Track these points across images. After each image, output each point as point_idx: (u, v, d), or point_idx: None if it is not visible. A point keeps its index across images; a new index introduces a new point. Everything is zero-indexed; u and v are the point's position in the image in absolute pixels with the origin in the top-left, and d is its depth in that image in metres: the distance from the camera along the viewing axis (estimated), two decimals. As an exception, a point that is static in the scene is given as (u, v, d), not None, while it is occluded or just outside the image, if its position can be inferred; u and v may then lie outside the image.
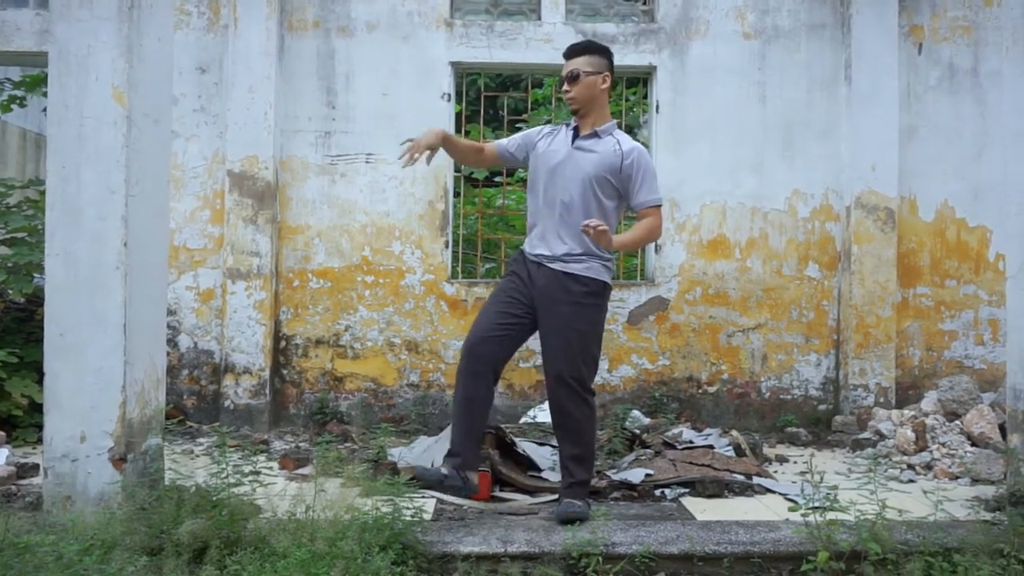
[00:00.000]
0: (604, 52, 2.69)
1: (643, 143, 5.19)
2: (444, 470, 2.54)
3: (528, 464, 3.04)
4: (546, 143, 2.70)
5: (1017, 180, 2.58)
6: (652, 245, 4.56)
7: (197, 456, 3.52)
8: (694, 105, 4.53)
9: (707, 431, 3.72)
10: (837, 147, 4.53)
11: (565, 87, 2.66)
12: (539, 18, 4.60)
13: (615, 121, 2.73)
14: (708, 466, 3.09)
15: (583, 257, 2.58)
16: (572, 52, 2.68)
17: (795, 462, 3.61)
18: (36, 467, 3.11)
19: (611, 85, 2.70)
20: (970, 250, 4.55)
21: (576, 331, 2.54)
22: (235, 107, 4.37)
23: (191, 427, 4.29)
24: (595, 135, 2.65)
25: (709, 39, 4.55)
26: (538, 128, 2.79)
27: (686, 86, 4.54)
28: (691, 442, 3.43)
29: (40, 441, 3.10)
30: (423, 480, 2.49)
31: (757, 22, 4.56)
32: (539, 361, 2.63)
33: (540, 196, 2.66)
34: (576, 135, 2.67)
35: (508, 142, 2.80)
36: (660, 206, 2.64)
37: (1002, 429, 3.38)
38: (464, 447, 2.59)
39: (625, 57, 4.54)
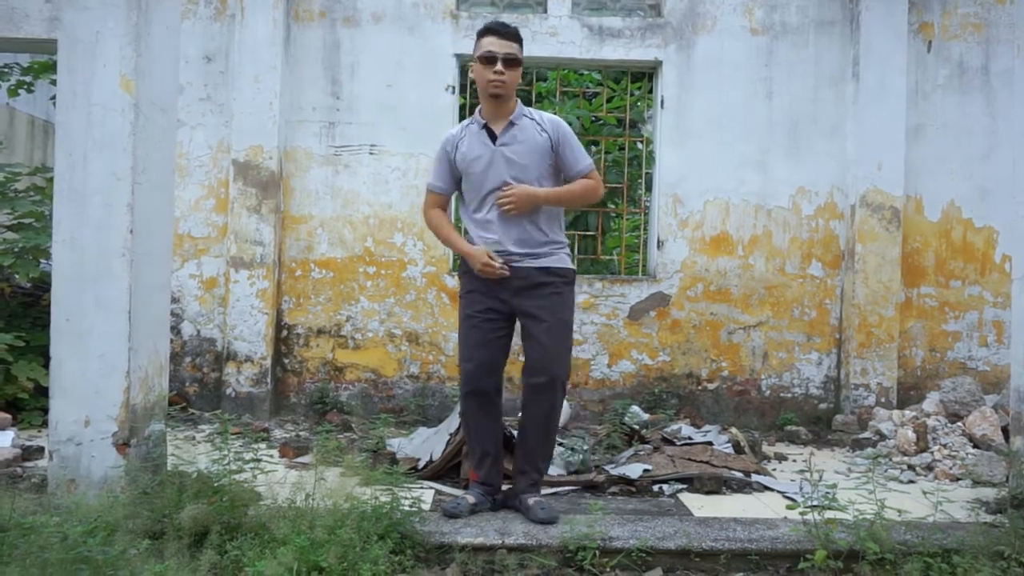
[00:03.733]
0: None
1: (647, 138, 5.22)
2: (471, 498, 2.51)
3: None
4: (463, 152, 2.54)
5: (1024, 181, 2.55)
6: (655, 241, 4.56)
7: (199, 443, 3.54)
8: (699, 101, 4.52)
9: (706, 428, 3.73)
10: (843, 145, 4.51)
11: (499, 68, 2.43)
12: (545, 11, 4.59)
13: (517, 99, 2.56)
14: (706, 463, 3.10)
15: (550, 250, 2.53)
16: (511, 36, 2.48)
17: (794, 460, 3.62)
18: (41, 450, 3.13)
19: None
20: (976, 251, 4.53)
21: (562, 322, 2.52)
22: (241, 96, 4.38)
23: (193, 414, 4.31)
24: (512, 125, 2.51)
25: (716, 34, 4.52)
26: (443, 145, 2.61)
27: (692, 82, 4.52)
28: (690, 438, 3.44)
29: (45, 424, 3.14)
30: (454, 514, 2.43)
31: (765, 18, 4.53)
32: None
33: (481, 204, 2.53)
34: (491, 132, 2.52)
35: (439, 180, 2.61)
36: (594, 168, 2.55)
37: (1004, 431, 3.37)
38: (491, 475, 2.58)
39: (631, 51, 4.52)
